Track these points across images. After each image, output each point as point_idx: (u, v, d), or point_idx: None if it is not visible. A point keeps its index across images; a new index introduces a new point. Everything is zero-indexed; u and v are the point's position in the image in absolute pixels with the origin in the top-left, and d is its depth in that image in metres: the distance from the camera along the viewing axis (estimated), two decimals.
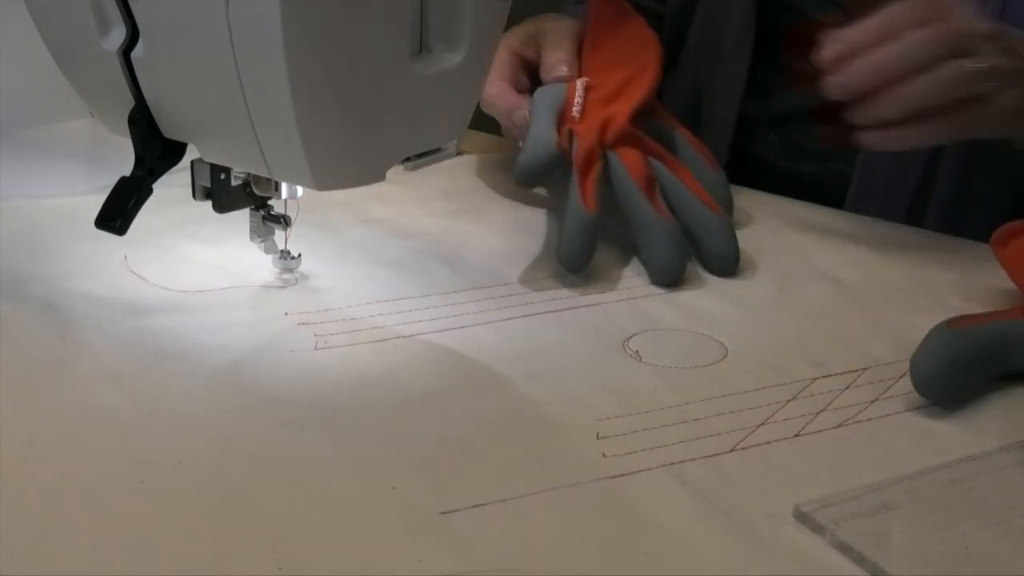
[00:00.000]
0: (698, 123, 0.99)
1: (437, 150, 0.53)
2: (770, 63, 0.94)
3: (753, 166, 0.97)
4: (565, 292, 0.66)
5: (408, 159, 0.52)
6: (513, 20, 0.53)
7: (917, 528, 0.42)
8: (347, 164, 0.49)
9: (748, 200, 0.86)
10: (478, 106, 0.55)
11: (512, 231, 0.76)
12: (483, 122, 0.77)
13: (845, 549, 0.41)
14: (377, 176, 0.51)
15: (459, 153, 0.56)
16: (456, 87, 0.52)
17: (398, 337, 0.59)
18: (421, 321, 0.61)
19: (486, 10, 0.51)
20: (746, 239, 0.76)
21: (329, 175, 0.49)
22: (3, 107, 0.76)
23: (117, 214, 0.52)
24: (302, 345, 0.57)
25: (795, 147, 0.95)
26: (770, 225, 0.79)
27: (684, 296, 0.66)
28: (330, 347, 0.57)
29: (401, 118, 0.50)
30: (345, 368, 0.55)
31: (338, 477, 0.46)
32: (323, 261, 0.68)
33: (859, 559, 0.40)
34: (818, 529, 0.42)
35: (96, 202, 0.55)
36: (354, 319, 0.61)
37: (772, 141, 0.97)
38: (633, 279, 0.68)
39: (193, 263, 0.67)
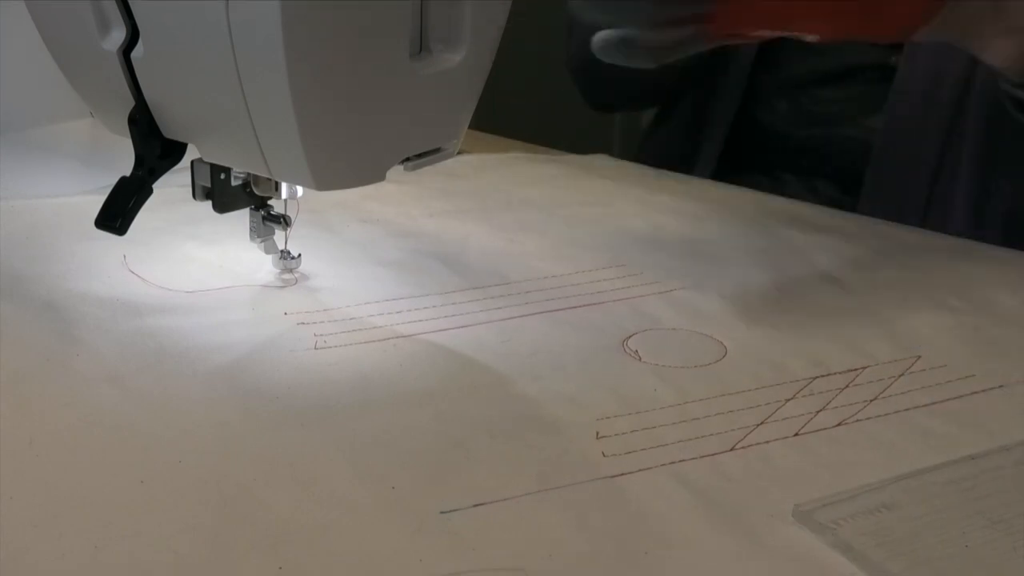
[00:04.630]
0: (710, 92, 1.00)
1: (437, 150, 0.53)
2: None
3: (760, 134, 0.97)
4: (564, 292, 0.66)
5: (408, 159, 0.52)
6: (513, 20, 0.53)
7: (917, 527, 0.42)
8: (347, 164, 0.49)
9: (747, 199, 0.86)
10: (478, 106, 0.55)
11: (511, 231, 0.76)
12: (483, 122, 0.77)
13: (845, 548, 0.41)
14: (377, 176, 0.50)
15: (459, 153, 0.56)
16: (456, 87, 0.52)
17: (398, 337, 0.59)
18: (421, 321, 0.61)
19: (486, 10, 0.51)
20: (746, 238, 0.76)
21: (329, 175, 0.49)
22: (3, 107, 0.76)
23: (117, 214, 0.52)
24: (302, 345, 0.57)
25: (803, 113, 0.96)
26: (769, 225, 0.79)
27: (683, 295, 0.66)
28: (330, 347, 0.57)
29: (401, 118, 0.50)
30: (345, 368, 0.55)
31: (338, 477, 0.45)
32: (323, 261, 0.68)
33: (860, 558, 0.40)
34: (818, 529, 0.42)
35: (96, 202, 0.55)
36: (353, 319, 0.61)
37: (780, 108, 0.97)
38: (629, 279, 0.68)
39: (193, 263, 0.67)
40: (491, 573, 0.40)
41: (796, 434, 0.50)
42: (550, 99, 1.05)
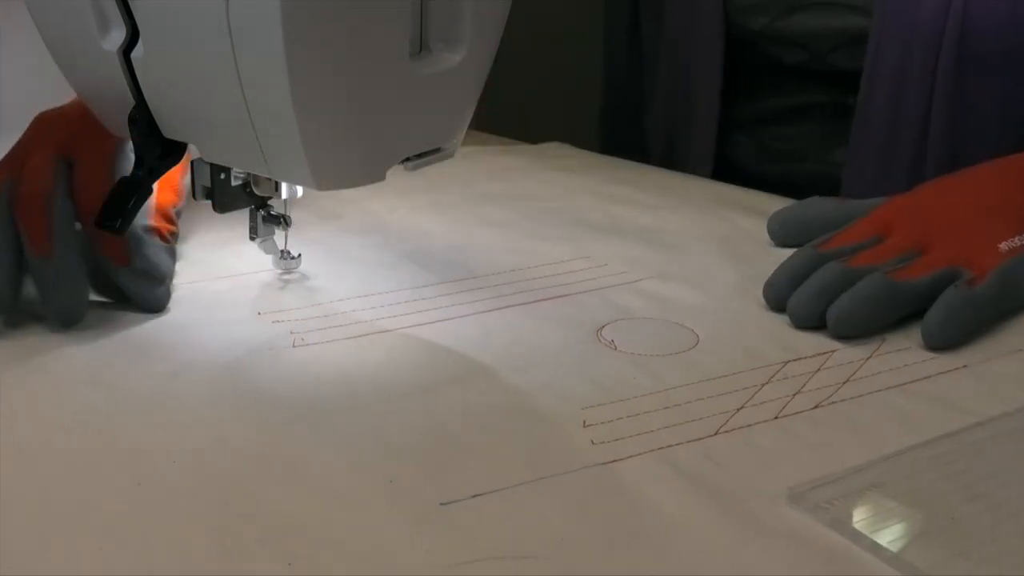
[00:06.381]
0: (682, 129, 1.01)
1: (437, 150, 0.53)
2: (739, 66, 0.96)
3: (730, 169, 0.99)
4: (534, 284, 0.66)
5: (408, 159, 0.52)
6: (513, 20, 0.54)
7: (905, 504, 0.44)
8: (347, 164, 0.50)
9: (699, 187, 0.88)
10: (477, 106, 0.55)
11: (472, 225, 0.77)
12: (483, 122, 0.77)
13: (839, 527, 0.42)
14: (377, 176, 0.51)
15: None
16: (456, 87, 0.52)
17: (376, 333, 0.59)
18: (396, 316, 0.61)
19: (486, 10, 0.51)
20: (703, 227, 0.77)
21: (329, 175, 0.49)
22: (3, 107, 0.75)
23: (117, 214, 0.52)
24: (280, 343, 0.57)
25: (765, 149, 0.97)
26: (723, 213, 0.81)
27: (650, 285, 0.67)
28: (308, 344, 0.57)
29: (401, 118, 0.50)
30: (326, 365, 0.55)
31: (336, 472, 0.46)
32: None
33: (854, 535, 0.41)
34: (813, 509, 0.43)
35: None
36: (327, 316, 0.61)
37: (742, 143, 0.99)
38: (596, 270, 0.69)
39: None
40: (497, 561, 0.41)
41: (776, 417, 0.51)
42: (545, 96, 1.06)
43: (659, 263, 0.70)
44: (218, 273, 0.66)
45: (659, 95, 1.03)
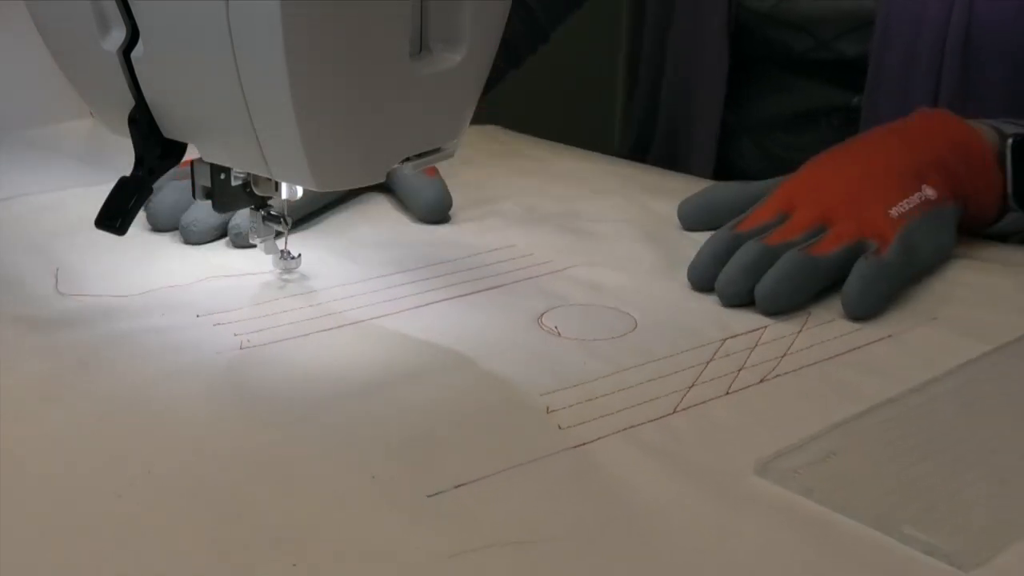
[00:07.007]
0: (685, 128, 1.02)
1: (437, 150, 0.54)
2: (744, 60, 0.97)
3: (733, 174, 0.99)
4: (465, 276, 0.67)
5: (408, 159, 0.52)
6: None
7: (865, 465, 0.46)
8: (347, 164, 0.50)
9: (609, 171, 0.89)
10: (477, 106, 0.56)
11: (393, 220, 0.77)
12: (482, 122, 0.77)
13: (808, 493, 0.44)
14: (377, 176, 0.51)
15: None
16: (456, 87, 0.53)
17: (320, 331, 0.59)
18: (333, 314, 0.61)
19: (486, 10, 0.52)
20: (615, 212, 0.79)
21: (329, 175, 0.49)
22: (3, 107, 0.74)
23: (117, 214, 0.52)
24: (226, 346, 0.57)
25: (768, 156, 0.99)
26: (633, 196, 0.83)
27: (579, 272, 0.68)
28: (254, 346, 0.57)
29: (401, 118, 0.51)
30: (279, 366, 0.55)
31: (317, 472, 0.46)
32: (236, 258, 0.68)
33: (823, 500, 0.44)
34: (780, 478, 0.45)
35: (38, 203, 0.54)
36: (266, 316, 0.61)
37: (747, 149, 1.00)
38: (522, 259, 0.70)
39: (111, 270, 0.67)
40: (497, 548, 0.42)
41: (727, 392, 0.54)
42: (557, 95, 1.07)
43: (582, 250, 0.72)
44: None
45: (665, 94, 1.03)
